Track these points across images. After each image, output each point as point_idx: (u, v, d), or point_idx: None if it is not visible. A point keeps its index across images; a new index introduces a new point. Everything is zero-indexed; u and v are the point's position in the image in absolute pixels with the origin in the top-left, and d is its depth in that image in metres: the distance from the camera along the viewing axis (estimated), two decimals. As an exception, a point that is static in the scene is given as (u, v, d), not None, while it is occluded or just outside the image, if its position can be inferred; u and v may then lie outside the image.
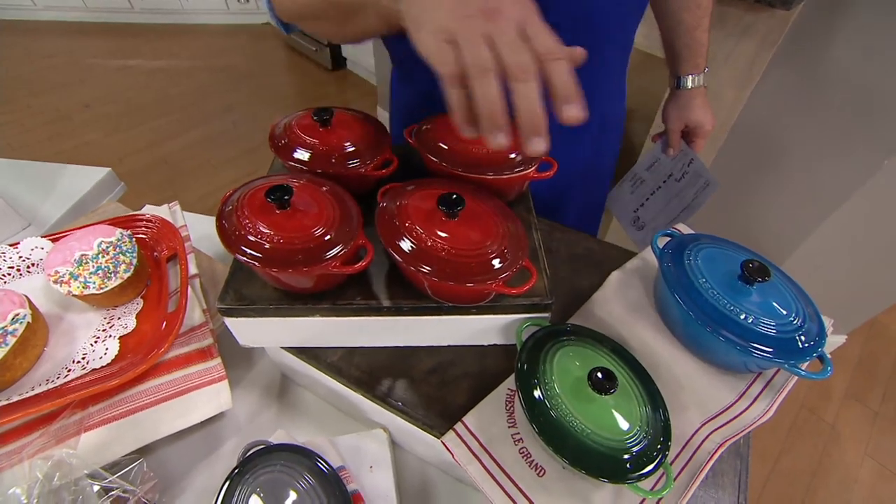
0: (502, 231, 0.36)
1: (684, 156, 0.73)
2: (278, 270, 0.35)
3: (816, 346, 0.34)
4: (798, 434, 1.36)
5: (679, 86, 0.68)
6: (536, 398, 0.33)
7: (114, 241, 0.48)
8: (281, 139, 0.46)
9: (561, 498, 0.34)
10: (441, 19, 0.29)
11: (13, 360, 0.41)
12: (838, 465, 1.30)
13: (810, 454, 1.32)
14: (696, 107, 0.68)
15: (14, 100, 2.37)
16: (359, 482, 0.42)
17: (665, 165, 0.76)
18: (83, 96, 2.42)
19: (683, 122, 0.69)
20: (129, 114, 2.31)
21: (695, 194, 0.75)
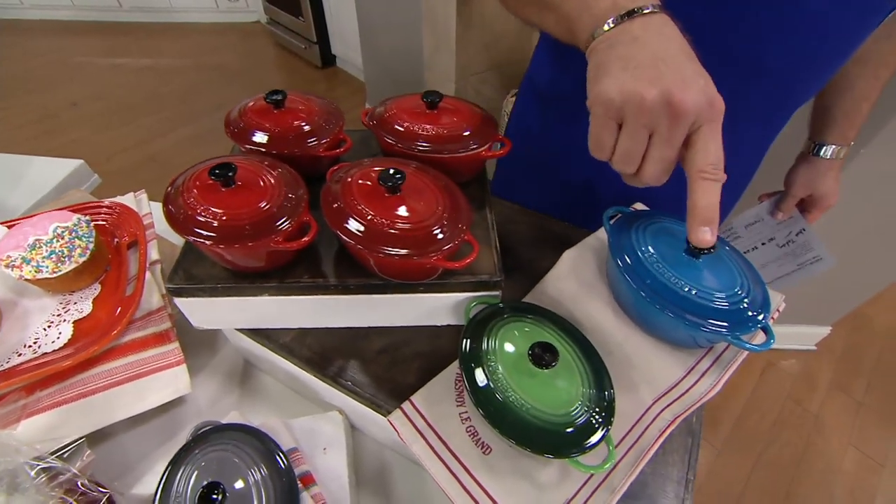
0: (444, 207, 0.36)
1: (794, 223, 0.67)
2: (224, 247, 0.35)
3: (760, 318, 0.34)
4: (783, 425, 1.37)
5: (817, 153, 0.61)
6: (477, 374, 0.33)
7: (69, 226, 0.47)
8: (236, 125, 0.45)
9: (505, 476, 0.34)
10: (627, 89, 0.29)
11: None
12: (822, 456, 1.31)
13: (795, 445, 1.33)
14: (829, 179, 0.62)
15: (4, 98, 2.36)
16: (311, 463, 0.42)
17: (767, 227, 0.70)
18: (71, 94, 2.41)
19: (810, 190, 0.63)
20: (117, 112, 2.31)
21: (799, 265, 0.70)
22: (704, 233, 0.31)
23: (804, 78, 0.49)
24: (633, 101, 0.29)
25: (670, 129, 0.29)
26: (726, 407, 1.39)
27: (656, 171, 0.31)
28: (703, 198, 0.30)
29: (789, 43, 0.43)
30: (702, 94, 0.29)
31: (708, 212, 0.31)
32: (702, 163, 0.30)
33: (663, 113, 0.29)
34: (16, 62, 2.65)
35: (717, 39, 0.44)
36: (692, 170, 0.30)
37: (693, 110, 0.28)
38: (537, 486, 0.34)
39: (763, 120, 0.55)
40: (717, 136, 0.30)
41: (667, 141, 0.30)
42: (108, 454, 0.47)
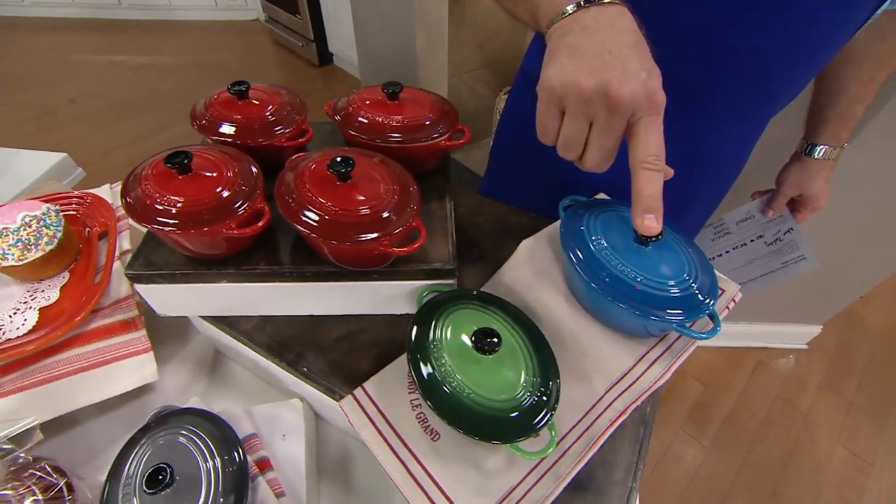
0: (393, 194, 0.36)
1: (783, 222, 0.68)
2: (179, 233, 0.35)
3: (706, 306, 0.34)
4: (772, 425, 1.36)
5: (810, 153, 0.62)
6: (423, 362, 0.33)
7: (38, 215, 0.48)
8: (202, 118, 0.46)
9: (452, 463, 0.34)
10: (569, 79, 0.30)
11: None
12: (811, 455, 1.30)
13: (783, 444, 1.32)
14: (820, 179, 0.62)
15: (3, 94, 2.37)
16: (270, 449, 0.42)
17: (757, 225, 0.71)
18: (69, 91, 2.43)
19: (800, 190, 0.64)
20: (115, 109, 2.32)
21: (784, 264, 0.71)
22: (650, 220, 0.32)
23: (788, 74, 0.49)
24: (572, 91, 0.30)
25: (608, 120, 0.30)
26: (715, 405, 1.39)
27: (596, 158, 0.32)
28: (646, 187, 0.31)
29: (774, 39, 0.43)
30: (641, 87, 0.29)
31: (651, 201, 0.31)
32: (643, 154, 0.30)
33: (601, 103, 0.29)
34: (15, 59, 2.67)
35: (702, 36, 0.44)
36: (634, 160, 0.31)
37: (630, 102, 0.29)
38: (483, 473, 0.34)
39: (748, 116, 0.55)
40: (657, 129, 0.30)
41: (605, 130, 0.30)
42: (75, 440, 0.48)
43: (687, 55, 0.46)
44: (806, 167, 0.63)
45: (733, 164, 0.63)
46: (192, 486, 0.34)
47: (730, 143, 0.58)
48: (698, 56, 0.46)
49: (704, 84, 0.49)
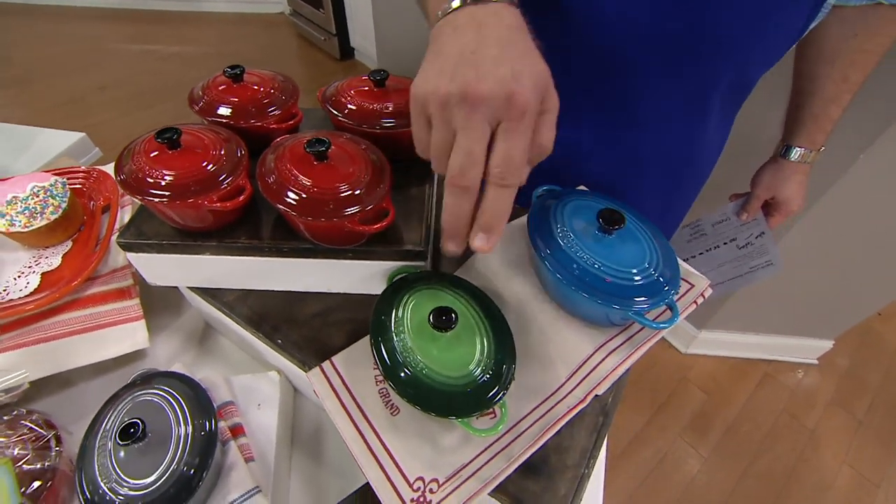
0: (366, 175, 0.37)
1: (755, 226, 0.68)
2: (166, 203, 0.37)
3: (664, 295, 0.34)
4: (776, 437, 1.33)
5: (785, 154, 0.61)
6: (382, 337, 0.34)
7: (45, 186, 0.51)
8: (199, 101, 0.48)
9: (409, 437, 0.35)
10: (430, 85, 0.28)
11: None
12: (815, 471, 1.27)
13: (786, 458, 1.29)
14: (793, 182, 0.61)
15: (35, 80, 2.49)
16: (245, 417, 0.44)
17: (731, 227, 0.70)
18: (100, 79, 2.52)
19: (773, 193, 0.63)
20: (141, 96, 2.40)
21: (751, 268, 0.70)
22: (480, 239, 0.29)
23: (757, 61, 0.48)
24: (432, 96, 0.28)
25: (465, 120, 0.27)
26: (717, 414, 1.37)
27: (459, 161, 0.28)
28: (484, 201, 0.29)
29: (743, 25, 0.43)
30: (499, 86, 0.26)
31: (484, 216, 0.29)
32: (489, 165, 0.28)
33: (458, 106, 0.27)
34: (51, 46, 2.79)
35: (665, 36, 0.44)
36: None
37: (486, 103, 0.27)
38: (437, 449, 0.35)
39: (720, 110, 0.55)
40: (515, 137, 0.27)
41: (464, 130, 0.28)
42: (69, 399, 0.51)
43: (654, 57, 0.46)
44: (780, 170, 0.62)
45: (708, 159, 0.62)
46: (161, 443, 0.36)
47: (706, 138, 0.58)
48: (669, 57, 0.46)
49: (674, 82, 0.49)
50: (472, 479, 0.33)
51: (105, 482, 0.35)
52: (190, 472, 0.35)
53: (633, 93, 0.51)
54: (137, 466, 0.35)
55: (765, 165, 0.64)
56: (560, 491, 0.34)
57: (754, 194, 0.65)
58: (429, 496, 0.33)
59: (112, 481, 0.35)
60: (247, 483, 0.40)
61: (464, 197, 0.28)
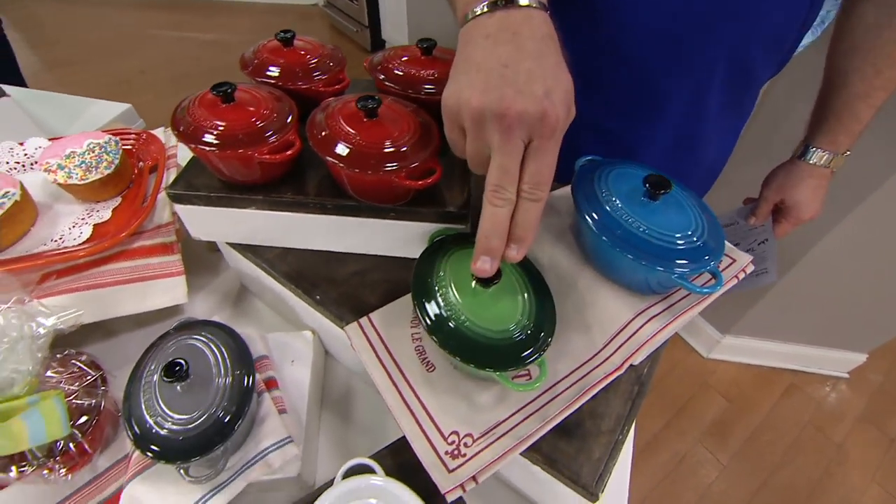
0: (414, 133, 0.38)
1: (761, 232, 0.63)
2: (217, 152, 0.39)
3: (708, 261, 0.33)
4: (800, 450, 1.29)
5: (802, 155, 0.56)
6: (424, 283, 0.34)
7: (101, 143, 0.53)
8: (250, 63, 0.49)
9: (444, 393, 0.36)
10: (462, 97, 0.28)
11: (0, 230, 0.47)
12: (840, 487, 1.22)
13: (810, 472, 1.25)
14: (805, 187, 0.55)
15: (80, 62, 2.60)
16: (279, 372, 0.45)
17: (738, 232, 0.66)
18: (141, 63, 2.61)
19: (782, 195, 0.58)
20: (179, 80, 2.48)
21: (746, 274, 0.66)
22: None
23: (755, 62, 0.47)
24: (465, 110, 0.28)
25: (501, 143, 0.27)
26: (738, 422, 1.33)
27: (498, 180, 0.28)
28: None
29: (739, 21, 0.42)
30: (534, 106, 0.26)
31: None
32: (520, 182, 0.29)
33: (493, 127, 0.27)
34: (98, 32, 2.90)
35: (664, 27, 0.44)
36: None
37: (521, 124, 0.27)
38: (473, 406, 0.35)
39: (735, 105, 0.53)
40: (545, 156, 0.28)
41: (500, 153, 0.28)
42: (112, 348, 0.53)
43: (658, 52, 0.45)
44: (793, 171, 0.57)
45: (713, 152, 0.60)
46: (202, 385, 0.37)
47: (717, 132, 0.56)
48: (672, 49, 0.45)
49: (683, 80, 0.48)
50: (506, 437, 0.33)
51: (150, 416, 0.36)
52: (226, 418, 0.36)
53: (635, 76, 0.50)
54: (179, 404, 0.36)
55: (779, 166, 0.59)
56: (594, 454, 0.34)
57: (763, 196, 0.60)
58: (463, 449, 0.33)
59: (157, 415, 0.36)
60: (280, 432, 0.40)
61: (502, 209, 0.29)
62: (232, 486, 0.38)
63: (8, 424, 0.36)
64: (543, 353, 0.33)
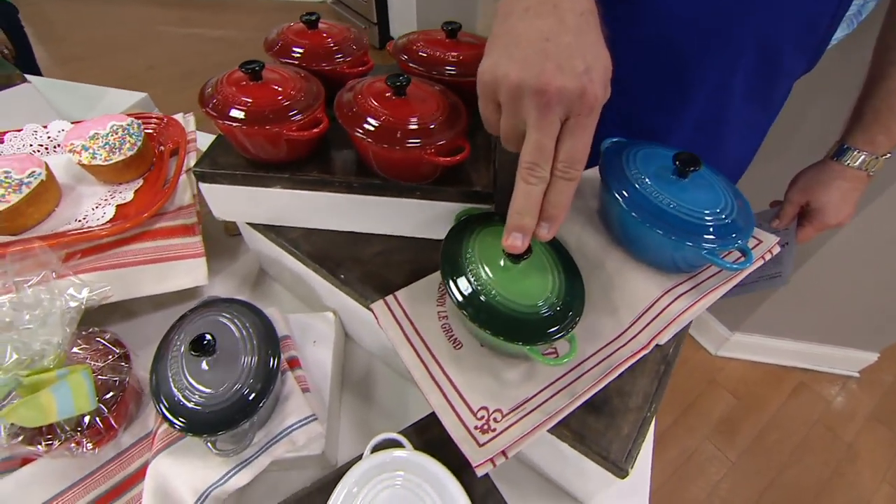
0: (443, 111, 0.38)
1: (784, 235, 0.59)
2: (245, 129, 0.39)
3: (736, 238, 0.33)
4: (808, 449, 1.28)
5: (837, 156, 0.52)
6: (453, 263, 0.34)
7: (123, 125, 0.53)
8: (275, 44, 0.50)
9: (471, 369, 0.36)
10: (500, 71, 0.27)
11: (26, 209, 0.48)
12: (851, 487, 1.22)
13: (819, 471, 1.24)
14: (834, 189, 0.52)
15: (89, 58, 2.61)
16: (301, 352, 0.45)
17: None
18: (149, 59, 2.63)
19: (808, 198, 0.54)
20: (186, 76, 2.49)
21: (759, 277, 0.62)
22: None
23: (784, 51, 0.46)
24: (503, 86, 0.28)
25: (538, 119, 0.27)
26: (747, 420, 1.32)
27: (534, 157, 0.28)
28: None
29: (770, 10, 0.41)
30: (574, 83, 0.26)
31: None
32: (555, 159, 0.28)
33: (531, 102, 0.27)
34: (104, 27, 2.91)
35: (693, 12, 0.43)
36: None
37: (560, 100, 0.26)
38: (501, 383, 0.35)
39: (762, 98, 0.53)
40: (582, 133, 0.28)
41: (538, 130, 0.27)
42: (133, 329, 0.53)
43: (700, 41, 0.45)
44: (824, 172, 0.53)
45: (744, 152, 0.59)
46: (228, 361, 0.37)
47: (743, 124, 0.55)
48: (703, 37, 0.45)
49: (711, 68, 0.47)
50: (535, 412, 0.33)
51: (178, 389, 0.36)
52: (251, 395, 0.36)
53: (661, 61, 0.49)
54: (206, 379, 0.36)
55: (809, 167, 0.56)
56: (623, 430, 0.34)
57: (788, 198, 0.57)
58: (493, 424, 0.33)
59: (184, 389, 0.36)
60: (304, 410, 0.41)
61: (536, 187, 0.29)
62: (257, 461, 0.38)
63: (37, 396, 0.36)
64: (573, 328, 0.33)
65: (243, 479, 0.38)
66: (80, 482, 0.41)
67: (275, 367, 0.38)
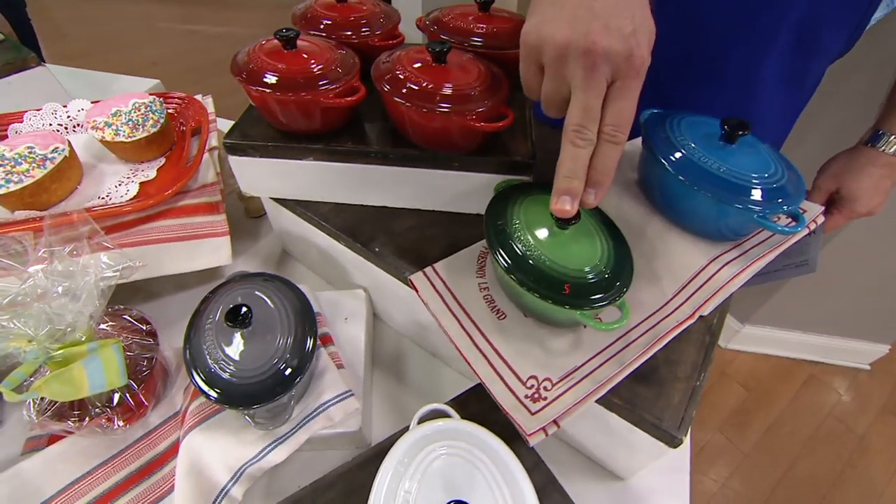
0: (484, 79, 0.37)
1: None
2: (280, 95, 0.38)
3: (785, 202, 0.33)
4: (820, 442, 1.28)
5: (871, 141, 0.51)
6: (498, 229, 0.34)
7: (146, 102, 0.52)
8: (302, 18, 0.49)
9: (517, 340, 0.35)
10: (545, 32, 0.27)
11: (50, 185, 0.47)
12: (863, 478, 1.21)
13: (832, 464, 1.24)
14: (866, 176, 0.51)
15: (91, 55, 2.60)
16: (333, 329, 0.44)
17: None
18: (152, 55, 2.62)
19: (839, 184, 0.53)
20: (190, 72, 2.48)
21: (785, 265, 0.60)
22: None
23: (822, 30, 0.45)
24: (548, 46, 0.27)
25: (584, 80, 0.27)
26: (758, 412, 1.32)
27: (581, 119, 0.28)
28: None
29: None
30: (621, 44, 0.26)
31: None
32: (602, 122, 0.28)
33: (577, 63, 0.26)
34: (107, 24, 2.90)
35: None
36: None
37: (607, 61, 0.26)
38: (548, 352, 0.34)
39: (795, 80, 0.52)
40: (629, 96, 0.27)
41: (584, 90, 0.27)
42: (155, 311, 0.52)
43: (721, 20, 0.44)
44: (855, 158, 0.52)
45: (776, 135, 0.58)
46: (264, 333, 0.36)
47: (775, 109, 0.54)
48: (730, 19, 0.44)
49: (735, 49, 0.47)
50: (586, 380, 0.33)
51: (212, 361, 0.35)
52: (286, 371, 0.35)
53: (694, 38, 0.49)
54: (241, 351, 0.35)
55: (841, 153, 0.55)
56: (674, 399, 0.33)
57: (817, 185, 0.55)
58: (543, 393, 0.32)
59: (219, 360, 0.35)
60: (339, 386, 0.40)
61: (584, 150, 0.28)
62: (293, 438, 0.37)
63: (69, 369, 0.35)
64: (623, 294, 0.32)
65: (279, 456, 0.37)
66: (109, 461, 0.40)
67: (312, 339, 0.37)
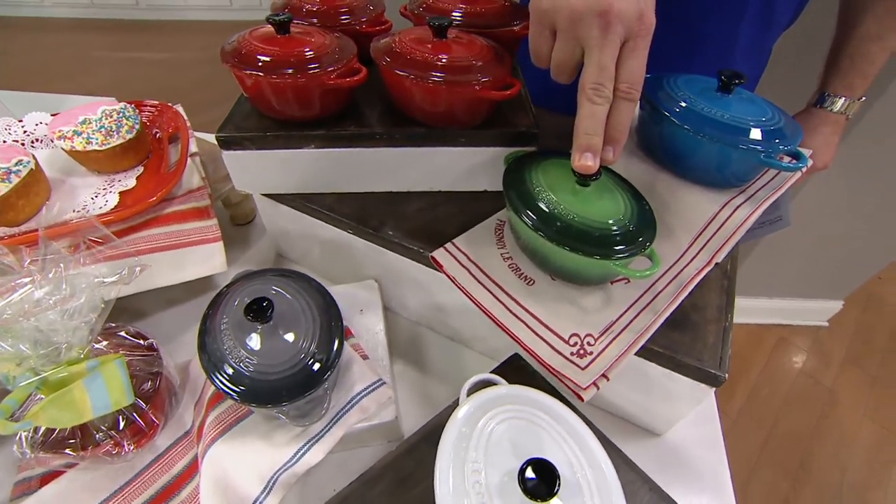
0: (487, 52, 0.37)
1: None
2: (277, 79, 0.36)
3: (791, 142, 0.35)
4: (796, 399, 1.36)
5: (818, 103, 0.55)
6: (521, 193, 0.34)
7: (117, 109, 0.49)
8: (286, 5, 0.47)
9: (550, 301, 0.35)
10: (562, 1, 0.28)
11: (16, 201, 0.42)
12: (836, 427, 1.30)
13: (808, 417, 1.32)
14: (819, 135, 0.55)
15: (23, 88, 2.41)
16: (349, 322, 0.43)
17: None
18: (88, 86, 2.47)
19: None
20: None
21: (760, 224, 0.63)
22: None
23: (777, 3, 0.49)
24: (563, 9, 0.28)
25: (600, 39, 0.28)
26: (738, 379, 1.39)
27: (597, 77, 0.29)
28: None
29: None
30: (634, 5, 0.28)
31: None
32: (616, 80, 0.29)
33: (593, 23, 0.28)
34: (35, 56, 2.72)
35: None
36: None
37: (622, 20, 0.28)
38: (583, 310, 0.34)
39: (752, 47, 0.55)
40: (641, 55, 0.29)
41: (599, 49, 0.28)
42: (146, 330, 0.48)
43: None
44: (808, 119, 0.56)
45: None
46: (287, 328, 0.34)
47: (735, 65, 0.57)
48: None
49: (708, 18, 0.49)
50: (626, 332, 0.33)
51: (235, 360, 0.32)
52: (314, 367, 0.34)
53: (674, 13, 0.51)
54: (264, 346, 0.33)
55: (795, 115, 0.59)
56: (709, 340, 0.34)
57: None
58: (588, 348, 0.32)
59: (242, 359, 0.33)
60: (369, 376, 0.38)
61: (601, 107, 0.30)
62: (329, 435, 0.35)
63: (69, 391, 0.32)
64: (651, 241, 0.33)
65: (316, 457, 0.35)
66: (117, 493, 0.36)
67: (338, 327, 0.35)
